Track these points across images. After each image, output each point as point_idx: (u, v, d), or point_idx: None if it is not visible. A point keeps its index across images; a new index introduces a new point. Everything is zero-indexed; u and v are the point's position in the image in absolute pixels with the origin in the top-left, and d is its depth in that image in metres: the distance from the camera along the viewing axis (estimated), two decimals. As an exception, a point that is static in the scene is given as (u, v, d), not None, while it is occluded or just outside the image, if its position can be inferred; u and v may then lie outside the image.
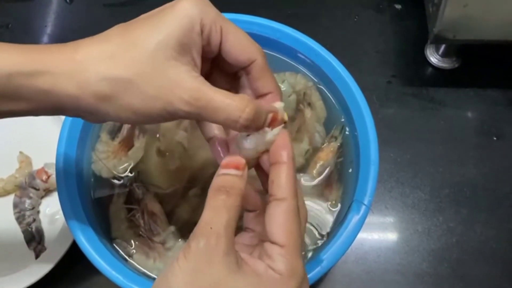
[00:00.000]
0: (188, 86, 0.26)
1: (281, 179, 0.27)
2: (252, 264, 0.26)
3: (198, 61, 0.28)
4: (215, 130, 0.31)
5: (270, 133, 0.28)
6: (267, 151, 0.28)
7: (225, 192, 0.26)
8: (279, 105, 0.29)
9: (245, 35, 0.29)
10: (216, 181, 0.27)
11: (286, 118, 0.29)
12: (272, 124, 0.28)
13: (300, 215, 0.27)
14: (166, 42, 0.26)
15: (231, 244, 0.25)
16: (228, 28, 0.28)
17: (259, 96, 0.30)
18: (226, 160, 0.28)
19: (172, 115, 0.26)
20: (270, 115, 0.28)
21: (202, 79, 0.27)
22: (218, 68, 0.31)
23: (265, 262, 0.26)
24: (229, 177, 0.27)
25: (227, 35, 0.28)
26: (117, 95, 0.26)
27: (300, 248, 0.26)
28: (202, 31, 0.27)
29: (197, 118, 0.27)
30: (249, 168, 0.29)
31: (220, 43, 0.28)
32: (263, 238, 0.27)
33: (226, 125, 0.27)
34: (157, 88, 0.26)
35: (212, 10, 0.27)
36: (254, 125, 0.27)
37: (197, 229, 0.25)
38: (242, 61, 0.29)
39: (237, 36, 0.28)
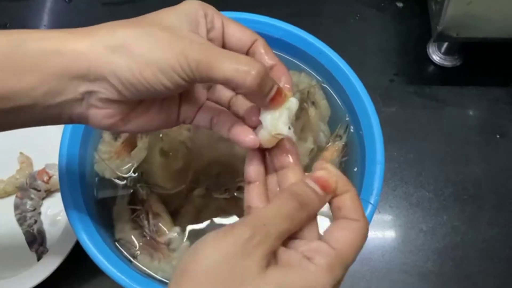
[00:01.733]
0: (201, 40, 0.28)
1: (351, 204, 0.26)
2: (285, 256, 0.25)
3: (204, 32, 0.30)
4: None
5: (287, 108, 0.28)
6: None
7: (300, 204, 0.26)
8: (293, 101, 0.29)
9: (242, 25, 0.31)
10: (298, 187, 0.27)
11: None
12: (278, 98, 0.27)
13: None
14: (179, 22, 0.28)
15: (272, 250, 0.24)
16: (227, 20, 0.30)
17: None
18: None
19: (183, 71, 0.26)
20: (276, 87, 0.27)
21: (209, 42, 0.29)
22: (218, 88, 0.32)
23: (305, 254, 0.25)
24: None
25: (227, 24, 0.30)
26: (130, 44, 0.26)
27: (349, 262, 0.25)
28: (205, 16, 0.29)
29: (207, 76, 0.26)
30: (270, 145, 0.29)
31: (223, 28, 0.30)
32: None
33: (234, 82, 0.26)
34: (171, 37, 0.27)
35: (212, 8, 0.30)
36: (262, 86, 0.26)
37: (250, 219, 0.25)
38: (245, 41, 0.30)
39: (236, 24, 0.30)
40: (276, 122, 0.28)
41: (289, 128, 0.28)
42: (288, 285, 0.23)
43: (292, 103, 0.29)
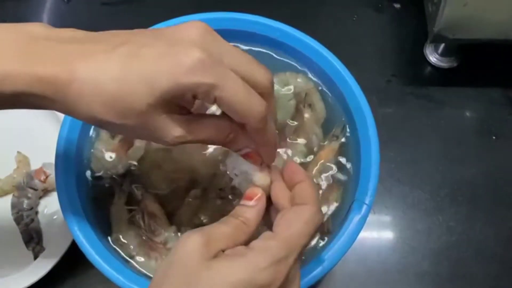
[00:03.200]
0: (175, 134, 0.28)
1: (302, 190, 0.29)
2: (231, 251, 0.27)
3: (191, 106, 0.31)
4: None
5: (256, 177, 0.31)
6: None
7: (233, 216, 0.29)
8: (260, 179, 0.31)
9: (242, 99, 0.27)
10: (234, 210, 0.30)
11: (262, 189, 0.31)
12: (249, 157, 0.31)
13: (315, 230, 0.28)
14: (157, 106, 0.27)
15: (211, 242, 0.26)
16: (223, 98, 0.27)
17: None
18: (246, 192, 0.31)
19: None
20: (246, 150, 0.31)
21: (190, 120, 0.28)
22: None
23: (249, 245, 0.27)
24: (242, 207, 0.30)
25: (220, 103, 0.27)
26: (105, 127, 0.29)
27: (292, 244, 0.27)
28: (194, 96, 0.27)
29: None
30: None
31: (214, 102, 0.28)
32: None
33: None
34: (143, 135, 0.29)
35: (207, 82, 0.26)
36: (229, 147, 0.30)
37: (199, 232, 0.27)
38: (237, 121, 0.29)
39: (232, 107, 0.27)
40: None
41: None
42: (231, 272, 0.25)
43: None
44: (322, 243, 0.39)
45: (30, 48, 0.27)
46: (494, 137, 0.56)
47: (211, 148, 0.42)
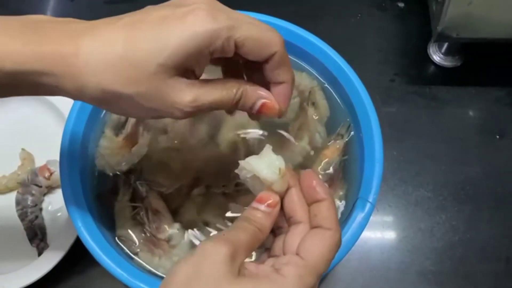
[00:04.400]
0: (186, 99, 0.27)
1: (325, 213, 0.28)
2: (254, 269, 0.26)
3: (199, 71, 0.28)
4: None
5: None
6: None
7: (248, 221, 0.28)
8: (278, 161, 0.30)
9: (263, 32, 0.28)
10: (246, 211, 0.29)
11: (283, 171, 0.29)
12: (266, 109, 0.30)
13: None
14: (167, 65, 0.26)
15: (234, 252, 0.25)
16: (243, 36, 0.27)
17: (273, 83, 0.30)
18: (262, 194, 0.29)
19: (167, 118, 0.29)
20: (260, 102, 0.29)
21: (197, 83, 0.28)
22: (233, 60, 0.30)
23: (275, 266, 0.26)
24: (258, 212, 0.28)
25: (242, 44, 0.27)
26: (115, 102, 0.27)
27: (320, 272, 0.26)
28: (212, 52, 0.27)
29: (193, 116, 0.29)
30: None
31: (236, 51, 0.28)
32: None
33: (221, 108, 0.29)
34: (156, 104, 0.27)
35: (223, 26, 0.26)
36: (241, 107, 0.29)
37: (213, 235, 0.27)
38: (260, 59, 0.29)
39: (253, 40, 0.27)
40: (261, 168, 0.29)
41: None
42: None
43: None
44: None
45: (34, 29, 0.26)
46: (497, 136, 0.56)
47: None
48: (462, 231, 0.51)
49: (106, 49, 0.26)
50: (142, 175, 0.42)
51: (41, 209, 0.51)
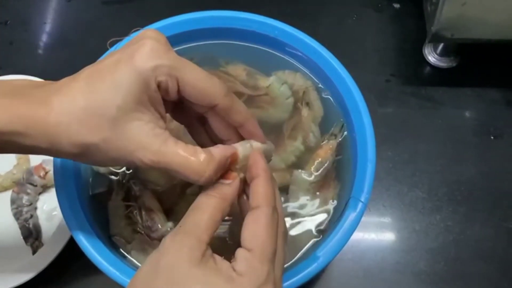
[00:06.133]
0: (149, 148, 0.27)
1: (255, 190, 0.29)
2: (218, 263, 0.27)
3: (162, 109, 0.29)
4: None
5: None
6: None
7: (206, 195, 0.28)
8: (256, 144, 0.31)
9: (204, 79, 0.29)
10: (212, 187, 0.29)
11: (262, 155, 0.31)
12: (231, 164, 0.30)
13: (278, 226, 0.28)
14: (126, 106, 0.27)
15: (196, 241, 0.26)
16: (184, 78, 0.28)
17: (236, 126, 0.31)
18: (226, 174, 0.30)
19: (141, 165, 0.28)
20: (229, 160, 0.30)
21: (164, 136, 0.28)
22: (188, 104, 0.31)
23: (231, 263, 0.27)
24: (217, 184, 0.29)
25: (183, 86, 0.29)
26: (87, 155, 0.28)
27: (268, 254, 0.27)
28: (159, 86, 0.28)
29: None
30: None
31: (179, 92, 0.29)
32: None
33: (190, 181, 0.29)
34: (120, 151, 0.28)
35: (166, 63, 0.28)
36: (215, 178, 0.29)
37: (173, 230, 0.28)
38: (203, 106, 0.30)
39: (194, 85, 0.29)
40: None
41: None
42: (212, 285, 0.25)
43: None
44: (317, 239, 0.39)
45: (12, 94, 0.28)
46: (492, 137, 0.56)
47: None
48: (457, 232, 0.51)
49: (71, 104, 0.27)
50: (136, 174, 0.42)
51: (36, 208, 0.51)
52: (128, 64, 0.27)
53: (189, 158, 0.28)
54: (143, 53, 0.27)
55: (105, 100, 0.27)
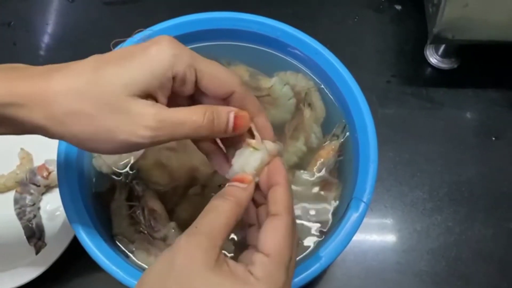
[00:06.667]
0: (149, 112, 0.27)
1: (276, 197, 0.29)
2: (233, 266, 0.26)
3: (163, 100, 0.29)
4: (212, 145, 0.33)
5: (258, 154, 0.31)
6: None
7: (221, 197, 0.28)
8: (270, 146, 0.31)
9: (220, 70, 0.30)
10: (221, 190, 0.29)
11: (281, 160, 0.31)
12: (239, 120, 0.30)
13: (295, 236, 0.28)
14: (131, 87, 0.27)
15: (212, 244, 0.26)
16: (202, 68, 0.29)
17: None
18: (237, 176, 0.30)
19: (136, 144, 0.28)
20: (232, 113, 0.30)
21: (160, 105, 0.28)
22: (201, 93, 0.32)
23: (247, 267, 0.26)
24: (232, 188, 0.29)
25: (202, 75, 0.29)
26: (81, 127, 0.28)
27: (286, 261, 0.27)
28: (175, 77, 0.28)
29: (169, 140, 0.28)
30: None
31: (196, 82, 0.29)
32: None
33: (195, 135, 0.29)
34: (118, 120, 0.27)
35: (185, 54, 0.28)
36: (219, 126, 0.29)
37: (186, 230, 0.27)
38: (221, 95, 0.30)
39: (212, 75, 0.29)
40: (243, 164, 0.31)
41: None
42: None
43: (266, 148, 0.31)
44: (319, 240, 0.39)
45: (11, 71, 0.28)
46: (493, 138, 0.56)
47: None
48: (458, 232, 0.51)
49: (74, 79, 0.27)
50: (138, 175, 0.42)
51: (39, 208, 0.51)
52: (144, 52, 0.28)
53: (189, 108, 0.28)
54: (162, 44, 0.28)
55: (112, 77, 0.27)
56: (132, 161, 0.43)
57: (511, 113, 0.57)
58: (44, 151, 0.52)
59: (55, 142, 0.40)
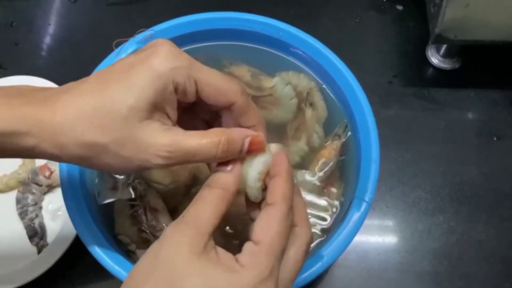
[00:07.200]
0: (162, 142, 0.27)
1: (275, 187, 0.28)
2: (221, 254, 0.26)
3: (173, 113, 0.29)
4: None
5: (263, 157, 0.30)
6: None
7: (207, 186, 0.28)
8: (274, 148, 0.31)
9: (221, 79, 0.29)
10: (207, 180, 0.29)
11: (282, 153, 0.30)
12: (254, 146, 0.29)
13: (291, 227, 0.28)
14: (138, 106, 0.27)
15: (199, 232, 0.26)
16: (202, 79, 0.29)
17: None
18: (218, 162, 0.29)
19: (149, 168, 0.28)
20: (248, 139, 0.29)
21: (174, 128, 0.28)
22: (201, 110, 0.32)
23: (235, 255, 0.26)
24: (217, 173, 0.29)
25: (202, 86, 0.29)
26: (95, 156, 0.28)
27: (276, 251, 0.26)
28: (176, 89, 0.28)
29: (176, 165, 0.28)
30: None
31: (197, 93, 0.29)
32: None
33: (207, 162, 0.29)
34: (132, 150, 0.27)
35: (184, 65, 0.28)
36: (232, 154, 0.28)
37: (174, 221, 0.27)
38: (221, 105, 0.30)
39: (213, 84, 0.29)
40: (245, 176, 0.30)
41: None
42: (211, 278, 0.25)
43: (265, 157, 0.30)
44: (321, 239, 0.39)
45: (16, 96, 0.28)
46: (495, 138, 0.56)
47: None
48: (460, 232, 0.51)
49: (80, 103, 0.27)
50: (141, 174, 0.42)
51: (41, 208, 0.51)
52: (144, 66, 0.27)
53: (202, 135, 0.28)
54: (161, 55, 0.27)
55: (117, 99, 0.27)
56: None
57: (513, 113, 0.57)
58: (46, 151, 0.52)
59: (57, 142, 0.41)
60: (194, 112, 0.32)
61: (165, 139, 0.27)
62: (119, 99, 0.27)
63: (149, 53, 0.28)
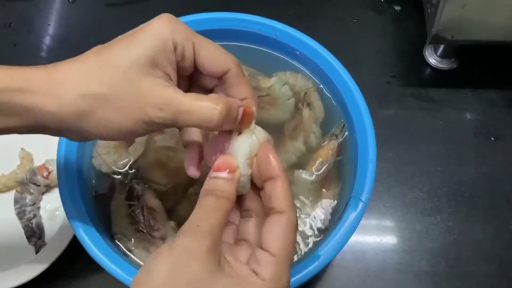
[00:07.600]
0: (160, 94, 0.28)
1: (279, 193, 0.28)
2: (236, 267, 0.26)
3: (173, 75, 0.29)
4: (194, 136, 0.33)
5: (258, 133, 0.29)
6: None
7: (214, 195, 0.27)
8: (259, 133, 0.30)
9: (217, 48, 0.30)
10: (207, 183, 0.28)
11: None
12: (246, 117, 0.29)
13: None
14: (139, 60, 0.28)
15: (215, 244, 0.25)
16: (200, 43, 0.30)
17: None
18: (219, 161, 0.28)
19: (149, 125, 0.28)
20: (241, 109, 0.29)
21: (174, 87, 0.28)
22: (197, 85, 0.32)
23: (251, 266, 0.26)
24: (220, 181, 0.28)
25: (199, 49, 0.30)
26: (94, 110, 0.27)
27: (290, 262, 0.26)
28: (175, 49, 0.29)
29: (174, 125, 0.28)
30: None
31: (194, 58, 0.30)
32: (255, 248, 0.28)
33: (202, 126, 0.28)
34: (131, 100, 0.27)
35: (183, 28, 0.29)
36: (228, 121, 0.28)
37: (185, 226, 0.26)
38: (216, 72, 0.30)
39: (209, 49, 0.30)
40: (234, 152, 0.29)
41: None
42: None
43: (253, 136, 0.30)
44: (318, 239, 0.39)
45: (18, 69, 0.28)
46: (493, 138, 0.56)
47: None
48: (457, 232, 0.51)
49: (82, 63, 0.28)
50: (138, 174, 0.42)
51: (39, 208, 0.52)
52: (144, 29, 0.29)
53: (200, 96, 0.28)
54: (161, 20, 0.29)
55: (119, 54, 0.28)
56: (131, 161, 0.43)
57: (510, 113, 0.57)
58: (44, 151, 0.52)
59: (55, 142, 0.41)
60: (190, 91, 0.32)
61: (165, 93, 0.28)
62: (121, 55, 0.28)
63: (150, 21, 0.29)
